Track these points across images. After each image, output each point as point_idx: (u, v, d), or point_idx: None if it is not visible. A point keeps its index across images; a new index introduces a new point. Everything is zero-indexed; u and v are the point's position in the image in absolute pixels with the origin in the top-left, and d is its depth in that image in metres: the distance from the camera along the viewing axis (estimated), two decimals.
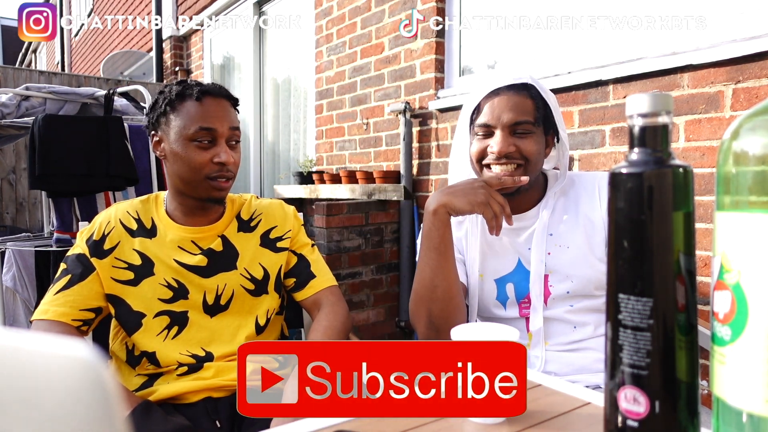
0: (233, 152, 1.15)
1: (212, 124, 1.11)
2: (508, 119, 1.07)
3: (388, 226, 2.69)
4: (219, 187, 1.13)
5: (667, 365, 0.47)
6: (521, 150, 1.08)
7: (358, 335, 1.49)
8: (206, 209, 1.20)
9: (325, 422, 0.63)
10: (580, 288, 1.09)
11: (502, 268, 1.15)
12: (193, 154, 1.11)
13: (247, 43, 4.38)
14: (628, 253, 0.49)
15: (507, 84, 1.10)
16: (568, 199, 1.15)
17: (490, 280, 1.15)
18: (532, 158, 1.08)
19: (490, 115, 1.09)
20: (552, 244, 1.12)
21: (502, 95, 1.09)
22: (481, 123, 1.10)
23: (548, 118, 1.12)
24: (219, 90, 1.15)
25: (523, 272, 1.13)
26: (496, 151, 1.07)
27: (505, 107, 1.08)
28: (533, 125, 1.08)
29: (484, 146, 1.10)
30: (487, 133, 1.10)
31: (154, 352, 1.13)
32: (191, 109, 1.11)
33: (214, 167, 1.12)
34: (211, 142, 1.12)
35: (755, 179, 0.45)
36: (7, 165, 4.27)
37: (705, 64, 1.62)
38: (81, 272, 1.14)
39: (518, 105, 1.08)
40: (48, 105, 2.43)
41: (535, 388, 0.73)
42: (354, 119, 3.12)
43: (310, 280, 1.25)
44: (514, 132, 1.08)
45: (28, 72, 4.46)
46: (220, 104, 1.14)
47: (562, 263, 1.10)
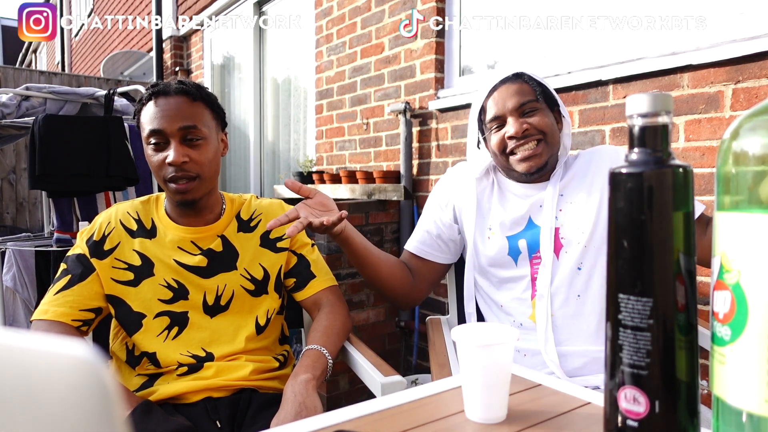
0: (192, 150, 1.10)
1: (159, 125, 1.09)
2: (513, 104, 1.17)
3: (388, 226, 2.69)
4: (178, 190, 1.11)
5: (667, 365, 0.47)
6: (534, 125, 1.17)
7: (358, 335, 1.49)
8: (196, 210, 1.18)
9: (325, 422, 0.63)
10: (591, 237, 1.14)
11: (514, 226, 1.22)
12: (151, 158, 1.12)
13: (247, 43, 4.38)
14: (628, 253, 0.49)
15: (500, 79, 1.21)
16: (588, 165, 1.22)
17: (502, 236, 1.22)
18: (548, 130, 1.17)
19: (496, 108, 1.19)
20: (564, 201, 1.19)
21: (500, 89, 1.20)
22: (491, 118, 1.20)
23: (548, 95, 1.20)
24: (177, 88, 1.11)
25: (533, 228, 1.20)
26: (512, 133, 1.16)
27: (506, 96, 1.18)
28: (536, 102, 1.18)
29: (501, 136, 1.19)
30: (500, 125, 1.19)
31: (155, 352, 1.13)
32: (147, 112, 1.11)
33: (167, 168, 1.10)
34: (165, 143, 1.10)
35: (755, 179, 0.45)
36: (7, 165, 4.27)
37: (705, 64, 1.62)
38: (81, 272, 1.14)
39: (517, 90, 1.18)
40: (48, 105, 2.43)
41: (535, 388, 0.73)
42: (354, 119, 3.12)
43: (310, 280, 1.25)
44: (523, 114, 1.17)
45: (28, 72, 4.47)
46: (172, 103, 1.10)
47: (573, 217, 1.17)
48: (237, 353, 1.16)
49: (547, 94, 1.21)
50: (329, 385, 2.43)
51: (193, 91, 1.12)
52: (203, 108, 1.14)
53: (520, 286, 1.20)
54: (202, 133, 1.12)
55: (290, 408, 0.97)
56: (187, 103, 1.11)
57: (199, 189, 1.13)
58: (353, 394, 2.47)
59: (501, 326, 0.67)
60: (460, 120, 2.47)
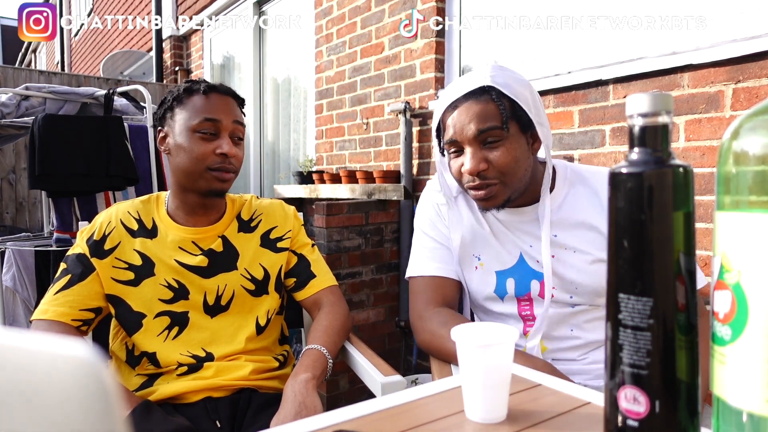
0: (237, 148, 1.16)
1: (216, 115, 1.13)
2: (473, 131, 0.99)
3: (388, 225, 2.69)
4: (221, 178, 1.14)
5: (667, 365, 0.47)
6: (494, 164, 1.00)
7: (358, 335, 1.49)
8: (207, 207, 1.20)
9: (325, 422, 0.63)
10: (584, 298, 1.07)
11: (503, 261, 1.11)
12: (196, 145, 1.12)
13: (247, 43, 4.38)
14: (628, 253, 0.49)
15: (463, 94, 1.01)
16: (576, 199, 1.09)
17: (491, 271, 1.12)
18: (508, 170, 1.00)
19: (453, 130, 1.01)
20: (556, 246, 1.07)
21: (460, 107, 1.00)
22: (447, 140, 1.03)
23: (520, 115, 1.01)
24: (226, 89, 1.19)
25: (524, 268, 1.10)
26: (467, 171, 1.00)
27: (465, 119, 0.99)
28: (501, 129, 0.98)
29: (459, 165, 1.03)
30: (457, 150, 1.03)
31: (155, 352, 1.13)
32: (197, 103, 1.14)
33: (216, 158, 1.13)
34: (214, 135, 1.13)
35: (755, 179, 0.45)
36: (7, 165, 4.27)
37: (705, 64, 1.62)
38: (81, 272, 1.14)
39: (480, 113, 0.99)
40: (48, 105, 2.43)
41: (535, 388, 0.73)
42: (354, 119, 3.12)
43: (311, 280, 1.25)
44: (483, 143, 1.00)
45: (28, 72, 4.46)
46: (225, 100, 1.16)
47: (566, 268, 1.06)
48: (237, 353, 1.16)
49: (518, 114, 1.00)
50: (329, 385, 2.43)
51: (238, 96, 1.21)
52: (241, 113, 1.22)
53: (509, 320, 1.13)
54: (244, 133, 1.20)
55: (290, 407, 0.97)
56: (235, 104, 1.19)
57: (231, 183, 1.19)
58: (353, 394, 2.48)
59: (501, 326, 0.67)
60: None
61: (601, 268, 1.05)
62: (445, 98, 1.04)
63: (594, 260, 1.05)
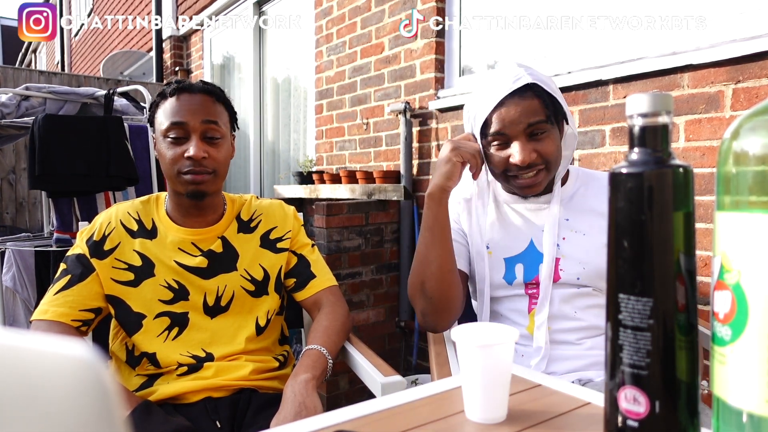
0: (211, 147, 1.13)
1: (182, 117, 1.11)
2: (523, 126, 1.06)
3: (388, 226, 2.69)
4: (193, 181, 1.12)
5: (667, 365, 0.47)
6: (542, 154, 1.08)
7: (358, 335, 1.49)
8: (200, 208, 1.19)
9: (325, 422, 0.63)
10: (591, 276, 1.10)
11: (513, 247, 1.16)
12: (168, 150, 1.12)
13: (247, 43, 4.38)
14: (628, 253, 0.49)
15: (510, 92, 1.07)
16: (587, 190, 1.17)
17: (499, 258, 1.17)
18: (552, 158, 1.09)
19: (502, 125, 1.08)
20: (567, 229, 1.13)
21: (508, 104, 1.07)
22: (495, 132, 1.09)
23: (557, 108, 1.11)
24: (200, 87, 1.14)
25: (534, 254, 1.14)
26: (518, 161, 1.07)
27: (515, 115, 1.07)
28: (547, 123, 1.07)
29: (505, 157, 1.09)
30: (503, 142, 1.09)
31: (155, 353, 1.13)
32: (167, 106, 1.12)
33: (185, 162, 1.11)
34: (184, 138, 1.11)
35: (755, 179, 0.45)
36: (7, 165, 4.27)
37: (705, 64, 1.62)
38: (81, 273, 1.14)
39: (527, 109, 1.06)
40: (48, 105, 2.43)
41: (535, 388, 0.73)
42: (354, 119, 3.12)
43: (311, 281, 1.25)
44: (531, 135, 1.07)
45: (28, 72, 4.46)
46: (196, 99, 1.13)
47: (576, 249, 1.12)
48: (237, 354, 1.16)
49: (557, 109, 1.10)
50: (329, 385, 2.43)
51: (216, 92, 1.16)
52: (223, 109, 1.17)
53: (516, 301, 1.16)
54: (221, 131, 1.15)
55: (290, 408, 0.97)
56: (210, 101, 1.14)
57: (212, 184, 1.15)
58: (353, 394, 2.47)
59: (501, 326, 0.67)
60: (460, 120, 2.47)
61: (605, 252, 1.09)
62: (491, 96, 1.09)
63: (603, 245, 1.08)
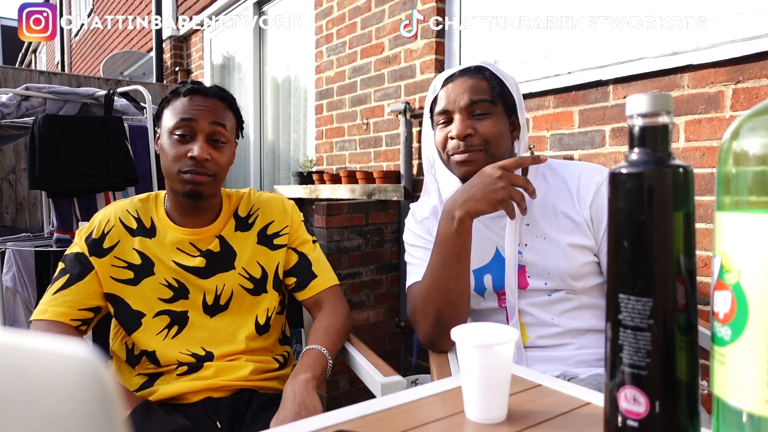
0: (215, 151, 1.13)
1: (192, 116, 1.11)
2: (464, 101, 1.08)
3: (388, 226, 2.69)
4: (192, 181, 1.12)
5: (667, 365, 0.47)
6: (480, 133, 1.07)
7: (358, 335, 1.49)
8: (198, 208, 1.19)
9: (325, 422, 0.63)
10: (558, 283, 1.09)
11: (480, 258, 1.14)
12: (172, 147, 1.12)
13: (247, 43, 4.38)
14: (628, 253, 0.49)
15: (459, 69, 1.11)
16: (548, 187, 1.13)
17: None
18: (492, 140, 1.07)
19: (446, 101, 1.10)
20: (528, 234, 1.10)
21: (456, 80, 1.10)
22: (439, 110, 1.11)
23: (507, 97, 1.10)
24: (214, 90, 1.16)
25: (500, 262, 1.12)
26: (454, 135, 1.07)
27: (459, 91, 1.09)
28: (490, 103, 1.08)
29: (445, 134, 1.10)
30: (446, 120, 1.11)
31: (154, 351, 1.13)
32: (178, 105, 1.13)
33: (187, 161, 1.11)
34: (190, 137, 1.12)
35: (755, 179, 0.45)
36: (7, 165, 4.27)
37: (705, 64, 1.62)
38: (79, 272, 1.14)
39: (472, 87, 1.08)
40: (48, 105, 2.43)
41: (535, 388, 0.73)
42: (354, 119, 3.12)
43: (312, 280, 1.25)
44: (472, 114, 1.08)
45: (28, 72, 4.46)
46: (208, 102, 1.14)
47: (538, 256, 1.09)
48: (237, 353, 1.16)
49: (506, 97, 1.10)
50: (329, 385, 2.43)
51: (230, 99, 1.18)
52: (232, 116, 1.19)
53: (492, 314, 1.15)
54: (227, 136, 1.16)
55: (290, 407, 0.97)
56: (222, 107, 1.16)
57: (210, 187, 1.15)
58: (353, 394, 2.47)
59: (501, 326, 0.66)
60: None
61: (573, 252, 1.08)
62: (442, 75, 1.14)
63: (566, 245, 1.08)
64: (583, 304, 1.10)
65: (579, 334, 1.09)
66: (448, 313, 1.06)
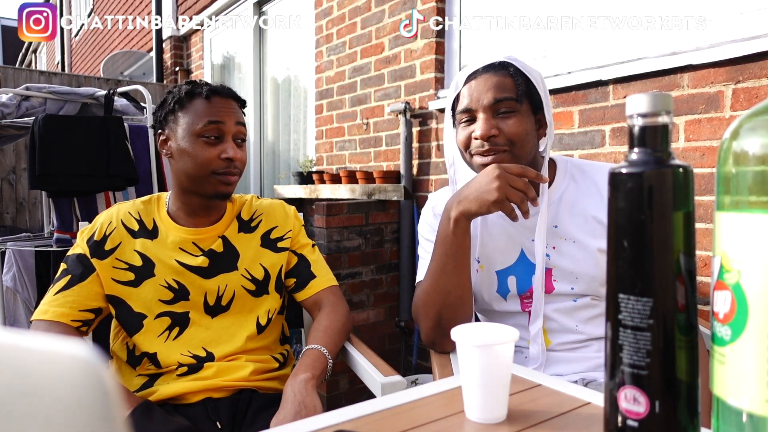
0: (240, 150, 1.16)
1: (220, 118, 1.13)
2: (488, 100, 1.02)
3: (388, 226, 2.69)
4: (226, 182, 1.14)
5: (667, 365, 0.47)
6: (505, 132, 1.02)
7: (358, 335, 1.49)
8: (209, 208, 1.20)
9: (325, 422, 0.63)
10: (585, 287, 1.06)
11: (504, 259, 1.11)
12: (201, 150, 1.12)
13: (247, 43, 4.38)
14: (628, 253, 0.49)
15: (483, 65, 1.06)
16: (578, 189, 1.10)
17: (491, 271, 1.12)
18: (518, 140, 1.03)
19: (469, 99, 1.05)
20: (556, 237, 1.07)
21: (480, 77, 1.05)
22: (462, 109, 1.06)
23: (533, 94, 1.06)
24: (227, 90, 1.18)
25: (525, 264, 1.09)
26: (478, 135, 1.02)
27: (483, 88, 1.03)
28: (515, 101, 1.02)
29: (468, 133, 1.06)
30: (470, 119, 1.06)
31: (155, 352, 1.13)
32: (200, 107, 1.13)
33: (221, 163, 1.13)
34: (218, 138, 1.13)
35: (755, 179, 0.45)
36: (7, 165, 4.27)
37: (705, 64, 1.62)
38: (81, 273, 1.14)
39: (497, 84, 1.03)
40: (48, 105, 2.43)
41: (535, 388, 0.73)
42: (354, 119, 3.12)
43: (311, 281, 1.25)
44: (496, 112, 1.03)
45: (28, 72, 4.46)
46: (228, 103, 1.16)
47: (567, 259, 1.06)
48: (237, 353, 1.16)
49: (532, 94, 1.05)
50: (329, 385, 2.43)
51: (239, 98, 1.21)
52: (243, 113, 1.21)
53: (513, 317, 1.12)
54: (246, 135, 1.19)
55: (290, 407, 0.97)
56: (236, 106, 1.19)
57: (236, 185, 1.18)
58: (353, 394, 2.47)
59: (501, 326, 0.66)
60: None
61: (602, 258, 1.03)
62: (466, 70, 1.08)
63: (595, 250, 1.05)
64: None
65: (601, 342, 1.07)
66: (447, 316, 1.04)
